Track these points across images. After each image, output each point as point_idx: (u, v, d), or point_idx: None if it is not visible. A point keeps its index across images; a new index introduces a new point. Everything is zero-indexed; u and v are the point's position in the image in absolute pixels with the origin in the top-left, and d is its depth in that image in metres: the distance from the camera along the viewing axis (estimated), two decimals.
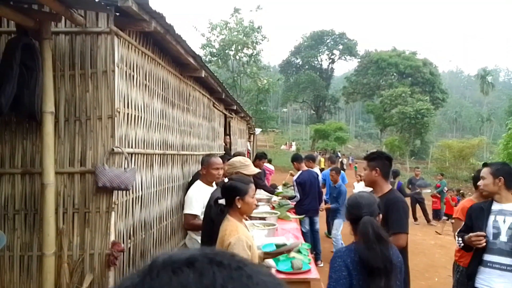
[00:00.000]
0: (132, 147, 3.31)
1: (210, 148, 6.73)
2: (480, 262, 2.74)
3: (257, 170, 3.21)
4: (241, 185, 2.44)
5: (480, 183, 2.90)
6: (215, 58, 27.44)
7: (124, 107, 3.15)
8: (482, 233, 2.67)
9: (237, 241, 2.24)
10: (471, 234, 2.71)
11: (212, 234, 2.53)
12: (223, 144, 8.18)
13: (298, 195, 6.19)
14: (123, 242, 3.15)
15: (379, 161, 2.88)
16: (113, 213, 2.95)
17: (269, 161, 8.88)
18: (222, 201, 2.54)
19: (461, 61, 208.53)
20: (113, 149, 2.94)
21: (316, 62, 59.61)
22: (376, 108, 42.81)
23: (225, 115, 8.46)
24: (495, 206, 2.77)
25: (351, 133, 60.59)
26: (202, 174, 3.69)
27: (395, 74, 46.46)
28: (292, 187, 6.67)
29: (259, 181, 6.62)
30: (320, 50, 58.03)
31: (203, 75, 5.07)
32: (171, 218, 4.54)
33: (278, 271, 3.07)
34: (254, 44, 27.34)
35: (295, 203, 6.22)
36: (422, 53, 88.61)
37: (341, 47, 56.83)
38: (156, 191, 3.99)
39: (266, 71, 33.73)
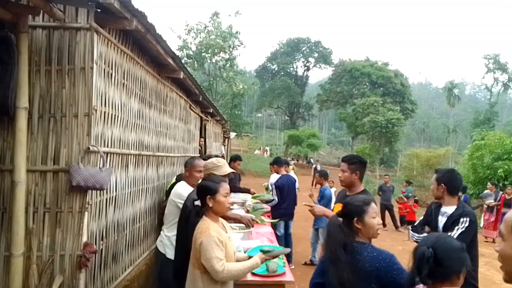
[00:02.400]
0: (108, 147, 3.25)
1: (186, 150, 6.68)
2: None
3: (230, 171, 3.22)
4: (211, 184, 2.46)
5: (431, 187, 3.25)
6: (191, 61, 27.28)
7: (101, 105, 3.10)
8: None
9: (207, 238, 2.28)
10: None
11: (187, 235, 2.52)
12: (198, 146, 8.13)
13: (276, 198, 6.26)
14: (95, 244, 3.08)
15: (360, 165, 3.21)
16: (86, 213, 2.88)
17: None
18: (197, 202, 2.54)
19: (430, 73, 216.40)
20: (88, 148, 2.87)
21: (291, 69, 60.23)
22: (348, 116, 43.66)
23: (201, 117, 8.43)
24: (441, 208, 3.14)
25: (324, 140, 61.57)
26: (185, 176, 3.70)
27: (367, 83, 47.57)
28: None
29: (231, 182, 6.63)
30: (295, 57, 58.66)
31: (181, 76, 5.04)
32: (144, 220, 4.47)
33: (253, 273, 3.08)
34: (231, 49, 27.39)
35: (272, 206, 6.28)
36: (393, 64, 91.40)
37: (316, 55, 57.67)
38: (130, 192, 3.92)
39: (242, 76, 33.81)
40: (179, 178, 4.21)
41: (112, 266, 3.51)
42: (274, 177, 7.13)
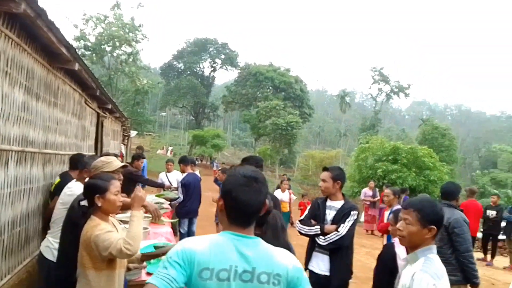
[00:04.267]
0: None
1: (79, 148, 6.22)
2: (313, 248, 3.38)
3: (120, 164, 3.11)
4: (101, 182, 2.37)
5: (321, 184, 3.43)
6: (89, 53, 25.40)
7: None
8: (334, 226, 3.26)
9: (99, 231, 2.22)
10: (329, 226, 3.29)
11: (74, 239, 2.40)
12: (94, 144, 7.63)
13: (181, 196, 6.33)
14: None
15: (262, 166, 3.37)
16: None
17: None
18: (84, 202, 2.42)
19: (326, 81, 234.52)
20: None
21: (198, 69, 59.94)
22: (252, 118, 45.02)
23: (98, 113, 7.93)
24: (328, 203, 3.41)
25: (228, 140, 62.47)
26: (80, 176, 3.46)
27: (270, 87, 49.66)
28: (172, 190, 6.70)
29: (140, 178, 6.49)
30: (202, 57, 58.54)
31: (76, 68, 4.70)
32: (26, 223, 4.06)
33: (148, 273, 3.04)
34: (134, 42, 26.22)
35: (177, 204, 6.35)
36: (294, 71, 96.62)
37: (223, 56, 58.31)
38: (10, 192, 3.53)
39: (146, 71, 32.57)
40: (65, 178, 3.92)
41: None
42: (173, 175, 7.18)
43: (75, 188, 3.29)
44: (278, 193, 9.59)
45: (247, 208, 1.43)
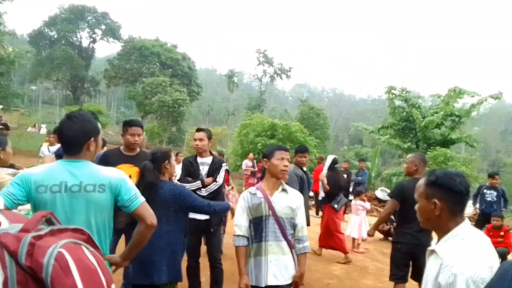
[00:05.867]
0: None
1: None
2: None
3: None
4: (1, 137, 2.72)
5: (198, 143, 4.03)
6: None
7: None
8: (211, 178, 3.96)
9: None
10: (208, 179, 3.96)
11: None
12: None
13: None
14: None
15: (142, 128, 3.82)
16: None
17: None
18: None
19: (215, 61, 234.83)
20: None
21: (75, 39, 54.53)
22: (138, 95, 43.33)
23: None
24: (199, 160, 4.06)
25: (113, 118, 58.87)
26: None
27: (157, 63, 48.18)
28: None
29: None
30: (79, 26, 53.39)
31: None
32: None
33: None
34: None
35: None
36: (182, 48, 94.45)
37: (103, 27, 54.02)
38: None
39: (11, 38, 28.70)
40: None
41: None
42: (55, 148, 7.10)
43: None
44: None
45: (64, 138, 1.94)
